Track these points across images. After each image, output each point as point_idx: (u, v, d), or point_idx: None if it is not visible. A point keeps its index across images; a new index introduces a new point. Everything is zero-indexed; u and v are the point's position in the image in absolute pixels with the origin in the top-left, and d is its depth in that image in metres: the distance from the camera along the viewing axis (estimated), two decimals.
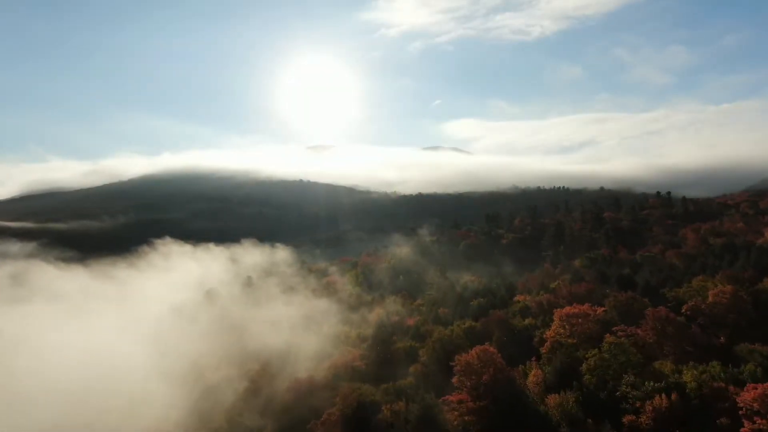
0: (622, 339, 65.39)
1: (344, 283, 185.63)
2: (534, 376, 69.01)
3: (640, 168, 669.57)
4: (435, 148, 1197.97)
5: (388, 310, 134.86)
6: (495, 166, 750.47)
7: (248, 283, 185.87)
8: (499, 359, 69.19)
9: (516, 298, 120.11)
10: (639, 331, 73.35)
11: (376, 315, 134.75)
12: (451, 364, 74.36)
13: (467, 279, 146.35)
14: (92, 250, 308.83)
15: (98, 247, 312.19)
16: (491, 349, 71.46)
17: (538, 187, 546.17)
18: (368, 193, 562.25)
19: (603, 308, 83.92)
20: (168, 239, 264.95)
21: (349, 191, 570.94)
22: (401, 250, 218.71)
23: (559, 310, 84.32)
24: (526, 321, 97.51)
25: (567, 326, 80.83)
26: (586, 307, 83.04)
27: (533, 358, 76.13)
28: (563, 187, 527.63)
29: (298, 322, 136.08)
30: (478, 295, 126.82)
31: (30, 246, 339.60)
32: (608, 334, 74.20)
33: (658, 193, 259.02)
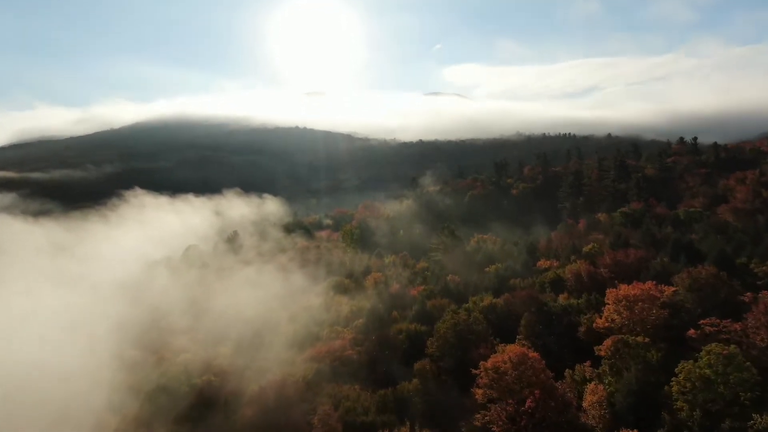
0: (732, 347, 43.72)
1: (338, 240, 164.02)
2: (593, 394, 47.89)
3: (649, 114, 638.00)
4: (436, 93, 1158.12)
5: (387, 275, 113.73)
6: (498, 112, 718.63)
7: (230, 240, 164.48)
8: (547, 375, 47.98)
9: (540, 263, 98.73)
10: (738, 326, 51.66)
11: (372, 281, 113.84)
12: (473, 371, 53.25)
13: (478, 238, 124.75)
14: (73, 202, 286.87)
15: (80, 198, 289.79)
16: (532, 353, 50.11)
17: (543, 133, 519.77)
18: (367, 140, 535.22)
19: (672, 288, 62.21)
20: (144, 191, 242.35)
21: (347, 138, 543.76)
22: (402, 202, 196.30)
23: (614, 290, 62.63)
24: (562, 299, 76.19)
25: (626, 313, 59.40)
26: (649, 286, 61.43)
27: (587, 363, 54.82)
28: (569, 133, 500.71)
29: (282, 290, 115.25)
30: (493, 259, 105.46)
31: (9, 197, 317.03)
32: (693, 330, 52.78)
33: (682, 138, 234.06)
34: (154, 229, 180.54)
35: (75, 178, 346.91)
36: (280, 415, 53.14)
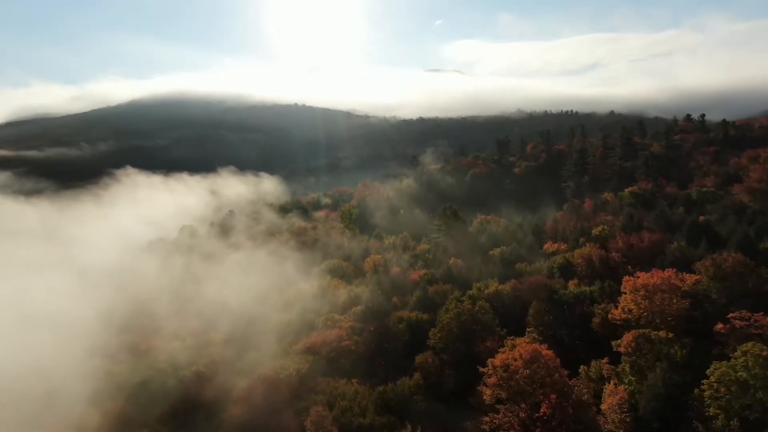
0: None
1: (336, 219, 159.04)
2: (613, 396, 43.37)
3: (653, 91, 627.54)
4: (437, 70, 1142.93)
5: (387, 258, 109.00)
6: (499, 89, 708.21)
7: (225, 221, 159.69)
8: (562, 374, 43.39)
9: (547, 246, 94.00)
10: None
11: (371, 264, 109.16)
12: (480, 369, 48.69)
13: (481, 219, 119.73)
14: (68, 180, 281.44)
15: (74, 177, 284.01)
16: (546, 351, 45.40)
17: (545, 111, 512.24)
18: (366, 117, 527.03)
19: (694, 276, 57.38)
20: (138, 170, 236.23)
21: (346, 116, 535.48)
22: (401, 181, 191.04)
23: (631, 278, 57.88)
24: (572, 285, 71.50)
25: (644, 303, 54.68)
26: (669, 273, 56.60)
27: (605, 360, 50.20)
28: (571, 111, 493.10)
29: (276, 274, 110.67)
30: (498, 242, 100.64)
31: (3, 176, 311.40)
32: (721, 324, 48.08)
33: (689, 115, 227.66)
34: (148, 209, 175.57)
35: (70, 157, 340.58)
36: (269, 417, 48.73)
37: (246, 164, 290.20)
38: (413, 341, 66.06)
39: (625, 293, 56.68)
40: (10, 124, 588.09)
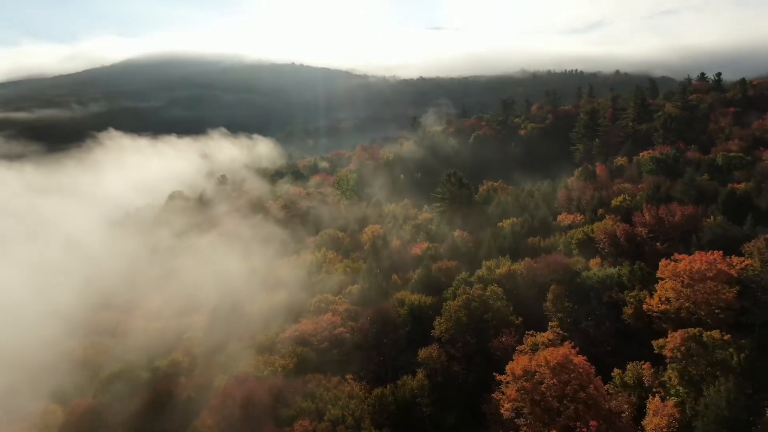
0: None
1: (333, 184, 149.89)
2: (659, 416, 35.37)
3: (659, 49, 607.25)
4: (438, 28, 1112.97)
5: (386, 229, 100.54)
6: (502, 47, 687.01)
7: (216, 186, 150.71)
8: (598, 386, 35.39)
9: (561, 218, 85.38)
10: None
11: (369, 235, 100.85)
12: (497, 376, 40.72)
13: (488, 186, 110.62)
14: (57, 143, 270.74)
15: (63, 139, 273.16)
16: (577, 357, 37.31)
17: (549, 70, 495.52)
18: (365, 77, 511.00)
19: (743, 260, 48.90)
20: (131, 132, 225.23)
21: (345, 76, 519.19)
22: (402, 144, 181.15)
23: (671, 262, 49.44)
24: (593, 264, 63.20)
25: (687, 292, 46.39)
26: (715, 256, 48.11)
27: (645, 364, 42.09)
28: (576, 70, 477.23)
29: (268, 246, 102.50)
30: (507, 212, 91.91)
31: None
32: None
33: (703, 74, 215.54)
34: (136, 174, 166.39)
35: (60, 119, 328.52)
36: (246, 430, 40.99)
37: (242, 126, 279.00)
38: (416, 329, 58.12)
39: (663, 279, 48.29)
40: (1, 85, 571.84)
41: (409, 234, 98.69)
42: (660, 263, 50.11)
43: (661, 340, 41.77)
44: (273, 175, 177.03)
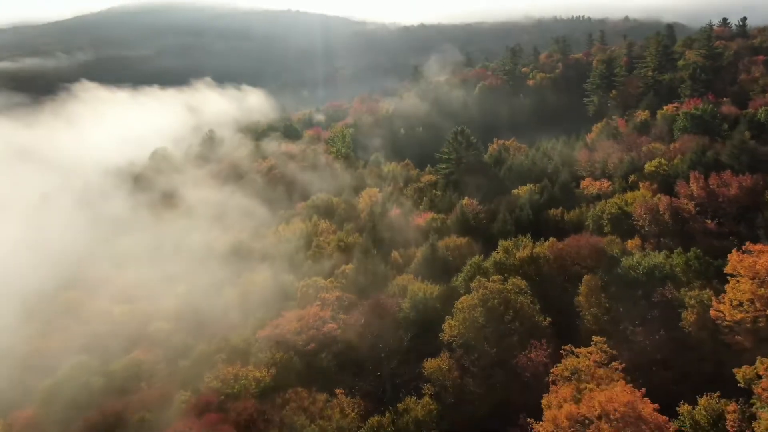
0: None
1: (329, 140, 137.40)
2: None
3: None
4: None
5: (385, 194, 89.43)
6: None
7: (202, 144, 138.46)
8: None
9: (584, 184, 74.14)
10: None
11: (367, 201, 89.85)
12: (532, 425, 30.51)
13: (499, 145, 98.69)
14: (42, 94, 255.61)
15: (46, 90, 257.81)
16: (647, 405, 26.83)
17: (554, 16, 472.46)
18: (364, 24, 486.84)
19: None
20: (115, 85, 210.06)
21: (343, 22, 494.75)
22: (402, 97, 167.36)
23: (746, 255, 38.63)
24: (631, 246, 52.49)
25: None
26: None
27: (731, 404, 31.72)
28: (583, 16, 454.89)
29: (255, 212, 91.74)
30: (522, 176, 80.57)
31: None
32: None
33: (725, 19, 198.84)
34: (119, 128, 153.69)
35: (45, 68, 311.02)
36: None
37: (234, 76, 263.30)
38: (420, 327, 47.90)
39: (738, 276, 37.62)
40: None
41: (411, 200, 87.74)
42: (731, 257, 39.23)
43: (746, 369, 31.36)
44: (264, 130, 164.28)
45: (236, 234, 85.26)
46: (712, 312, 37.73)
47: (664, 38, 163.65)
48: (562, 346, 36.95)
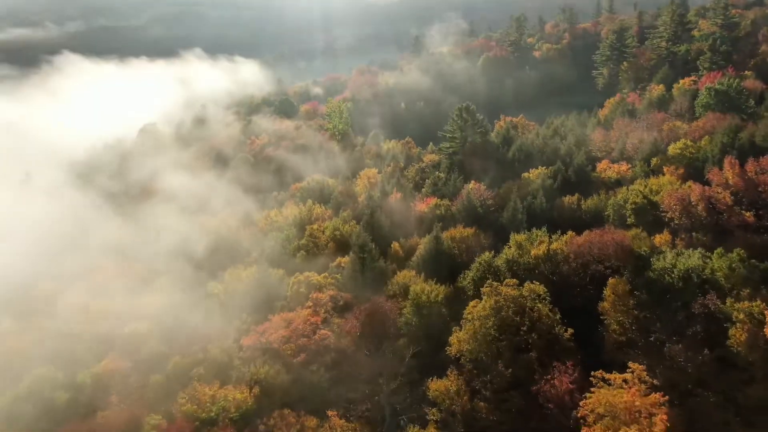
0: None
1: (325, 115, 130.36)
2: None
3: None
4: None
5: (385, 175, 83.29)
6: None
7: (195, 119, 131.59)
8: None
9: (601, 167, 67.95)
10: None
11: (365, 183, 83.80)
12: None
13: (506, 122, 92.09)
14: (29, 65, 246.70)
15: (34, 61, 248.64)
16: None
17: None
18: None
19: None
20: (79, 55, 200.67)
21: None
22: (403, 69, 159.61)
23: None
24: (660, 242, 46.73)
25: None
26: None
27: None
28: None
29: (245, 198, 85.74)
30: (532, 157, 74.39)
31: None
32: None
33: None
34: (106, 103, 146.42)
35: (33, 40, 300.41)
36: None
37: (230, 47, 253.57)
38: (423, 334, 42.54)
39: None
40: None
41: (412, 182, 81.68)
42: None
43: None
44: (258, 104, 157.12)
45: (225, 219, 79.55)
46: (767, 330, 32.13)
47: (679, 7, 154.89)
48: (592, 373, 31.36)
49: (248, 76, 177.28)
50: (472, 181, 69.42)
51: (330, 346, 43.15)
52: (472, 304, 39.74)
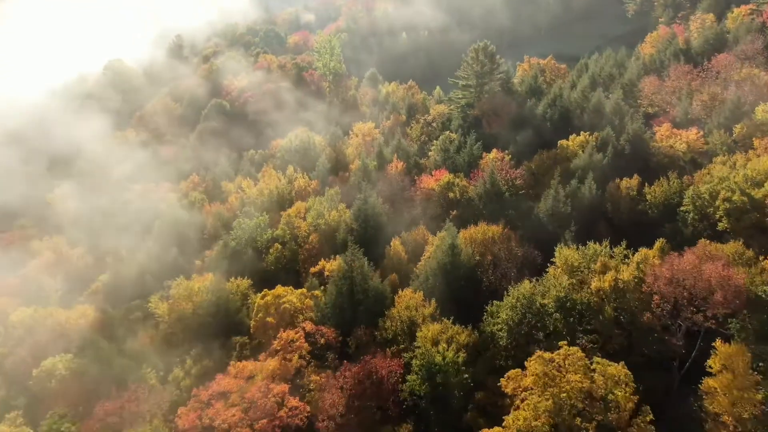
0: None
1: (316, 51, 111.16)
2: None
3: None
4: None
5: (385, 134, 67.00)
6: None
7: (168, 56, 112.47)
8: None
9: (660, 134, 51.41)
10: None
11: (357, 143, 67.58)
12: None
13: (531, 63, 73.89)
14: None
15: None
16: None
17: None
18: None
19: None
20: None
21: None
22: None
23: None
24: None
25: None
26: None
27: None
28: None
29: (211, 163, 69.84)
30: (567, 113, 57.80)
31: None
32: None
33: None
34: (65, 34, 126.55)
35: None
36: None
37: None
38: (435, 408, 28.74)
39: None
40: None
41: (416, 142, 65.50)
42: None
43: None
44: (242, 34, 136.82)
45: (187, 187, 64.37)
46: None
47: None
48: None
49: (233, 2, 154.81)
50: (494, 150, 53.44)
51: (302, 427, 29.45)
52: (512, 415, 25.19)
